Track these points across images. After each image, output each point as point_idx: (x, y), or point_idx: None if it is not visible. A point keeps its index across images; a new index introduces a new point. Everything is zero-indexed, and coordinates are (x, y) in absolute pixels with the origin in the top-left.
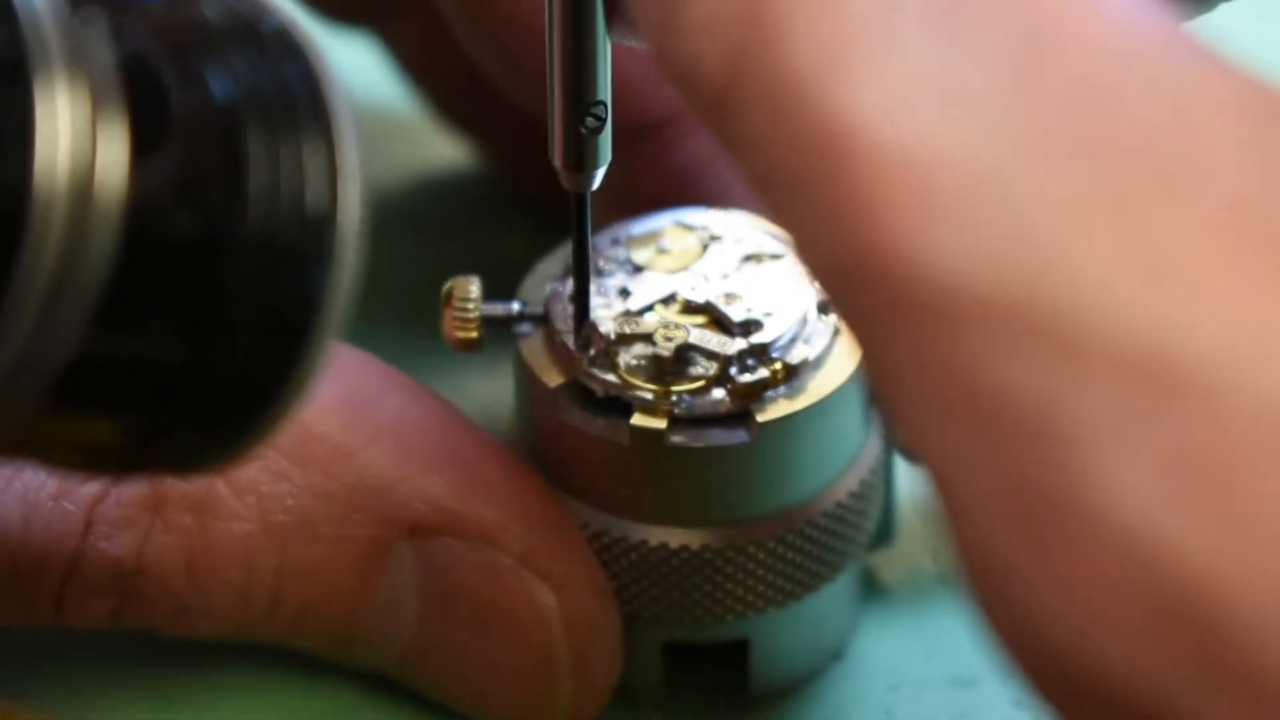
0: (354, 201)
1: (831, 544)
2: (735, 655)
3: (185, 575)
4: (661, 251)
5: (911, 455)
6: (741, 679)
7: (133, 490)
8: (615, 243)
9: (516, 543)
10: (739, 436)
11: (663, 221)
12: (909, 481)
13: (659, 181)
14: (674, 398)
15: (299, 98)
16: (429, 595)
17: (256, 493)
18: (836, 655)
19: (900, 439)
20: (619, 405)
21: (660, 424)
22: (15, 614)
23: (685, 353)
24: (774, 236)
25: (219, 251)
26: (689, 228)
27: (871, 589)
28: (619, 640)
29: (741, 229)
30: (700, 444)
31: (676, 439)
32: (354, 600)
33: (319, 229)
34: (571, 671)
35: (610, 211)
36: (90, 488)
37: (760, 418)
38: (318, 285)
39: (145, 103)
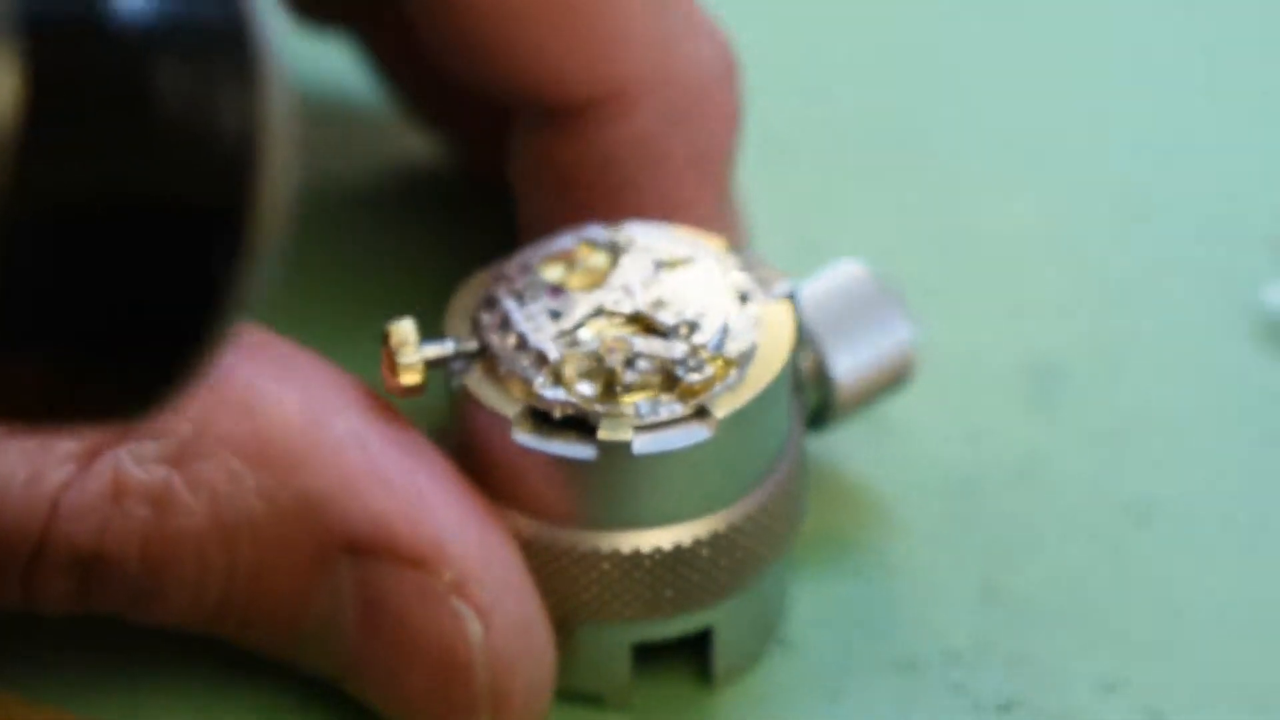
0: (280, 145)
1: (780, 525)
2: (697, 644)
3: (141, 563)
4: (573, 269)
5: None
6: (699, 664)
7: (96, 481)
8: (526, 269)
9: (450, 569)
10: (701, 434)
11: (567, 241)
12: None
13: (586, 164)
14: (632, 408)
15: (220, 26)
16: (365, 611)
17: (211, 491)
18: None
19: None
20: (576, 423)
21: (627, 435)
22: None
23: (632, 362)
24: (679, 241)
25: (126, 190)
26: (594, 244)
27: (818, 576)
28: (547, 676)
29: (646, 238)
30: (666, 448)
31: (643, 447)
32: (296, 607)
33: (236, 171)
34: (491, 703)
35: (539, 195)
36: (57, 476)
37: (719, 413)
38: (236, 231)
39: (45, 37)
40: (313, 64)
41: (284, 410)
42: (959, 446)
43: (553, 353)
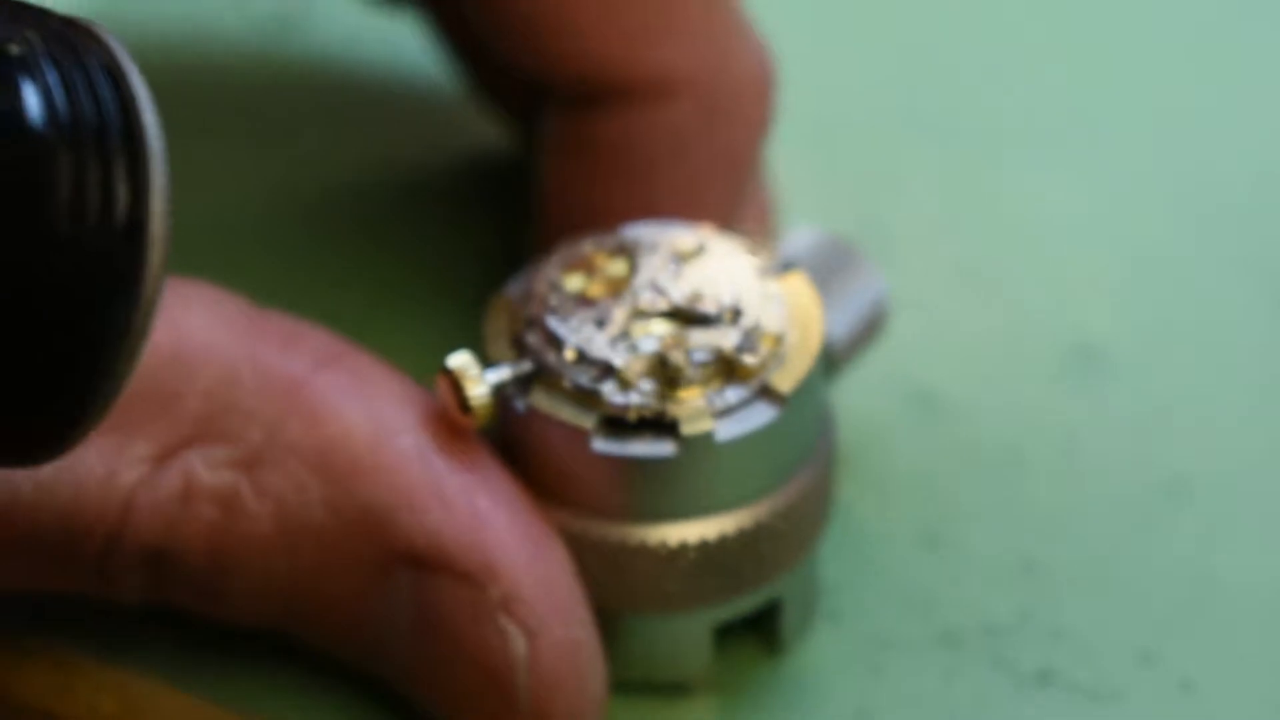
0: (160, 224)
1: (831, 486)
2: (765, 614)
3: (207, 561)
4: (593, 277)
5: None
6: (768, 631)
7: (168, 482)
8: (553, 285)
9: (498, 588)
10: (771, 412)
11: (577, 250)
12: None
13: (614, 140)
14: (703, 399)
15: (111, 118)
16: (419, 620)
17: (276, 498)
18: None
19: None
20: (650, 424)
21: (709, 426)
22: (67, 581)
23: (690, 356)
24: (686, 233)
25: (25, 264)
26: (605, 250)
27: (863, 551)
28: (593, 699)
29: (653, 237)
30: (745, 430)
31: (725, 433)
32: (356, 611)
33: (130, 251)
34: (534, 718)
35: (562, 166)
36: (131, 475)
37: (783, 388)
38: (122, 302)
39: None
40: (391, 43)
41: (351, 423)
42: (1002, 423)
43: (618, 360)
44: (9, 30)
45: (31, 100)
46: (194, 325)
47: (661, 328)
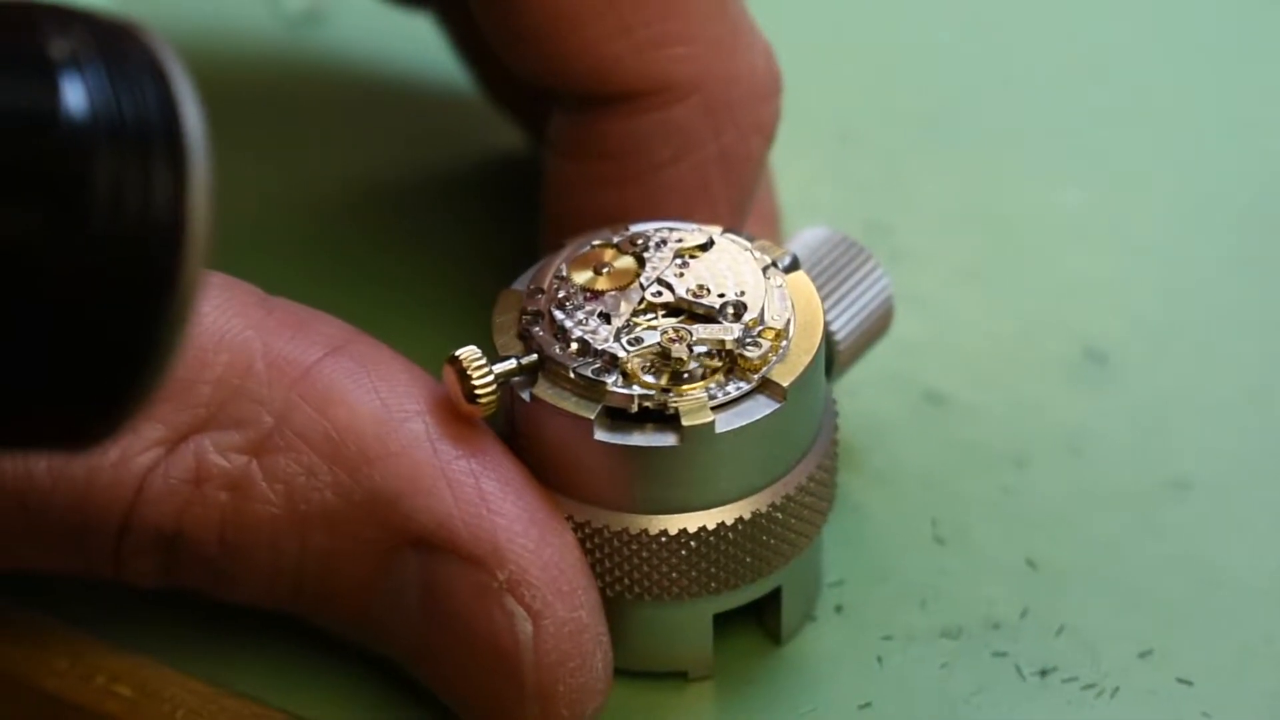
0: (200, 224)
1: (831, 479)
2: (766, 604)
3: (218, 545)
4: (601, 272)
5: None
6: (769, 621)
7: (180, 465)
8: (560, 279)
9: (504, 570)
10: (771, 406)
11: (592, 244)
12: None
13: (621, 139)
14: (704, 391)
15: (153, 117)
16: (427, 601)
17: (286, 482)
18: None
19: None
20: (652, 415)
21: (710, 418)
22: (81, 564)
23: (692, 349)
24: (687, 228)
25: (61, 260)
26: (613, 245)
27: (870, 546)
28: (598, 678)
29: (659, 233)
30: (745, 422)
31: (724, 425)
32: (364, 593)
33: (166, 252)
34: (538, 698)
35: (569, 165)
36: (144, 459)
37: (783, 382)
38: (158, 300)
39: None
40: (412, 42)
41: (360, 409)
42: (1008, 423)
43: (620, 352)
44: (53, 30)
45: (71, 98)
46: (207, 313)
47: (666, 321)
